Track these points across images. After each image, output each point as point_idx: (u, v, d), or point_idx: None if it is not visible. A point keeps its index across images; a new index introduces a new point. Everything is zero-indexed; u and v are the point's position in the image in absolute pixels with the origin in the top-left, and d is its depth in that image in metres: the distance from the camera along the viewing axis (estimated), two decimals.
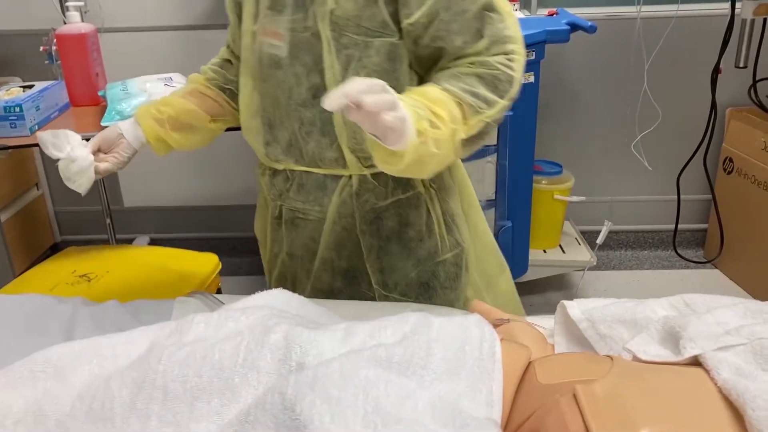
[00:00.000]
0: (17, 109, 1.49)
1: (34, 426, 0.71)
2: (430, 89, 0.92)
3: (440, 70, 0.98)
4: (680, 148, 2.23)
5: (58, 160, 1.11)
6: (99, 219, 2.28)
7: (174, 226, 2.74)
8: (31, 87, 1.62)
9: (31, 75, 2.43)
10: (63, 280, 1.56)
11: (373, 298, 1.14)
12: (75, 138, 1.11)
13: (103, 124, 1.47)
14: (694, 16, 2.29)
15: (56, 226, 2.73)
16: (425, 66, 1.01)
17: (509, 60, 0.95)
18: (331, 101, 0.76)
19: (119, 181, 2.65)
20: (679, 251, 2.27)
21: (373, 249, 1.12)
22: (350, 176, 1.08)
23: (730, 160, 2.41)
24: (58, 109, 1.67)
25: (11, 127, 1.50)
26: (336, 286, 1.15)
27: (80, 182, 1.12)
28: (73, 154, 1.10)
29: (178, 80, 1.66)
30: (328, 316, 0.90)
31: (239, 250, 2.77)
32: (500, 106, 0.95)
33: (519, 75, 0.96)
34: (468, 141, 0.95)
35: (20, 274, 1.73)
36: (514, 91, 0.96)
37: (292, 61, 1.01)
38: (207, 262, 1.68)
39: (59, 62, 1.85)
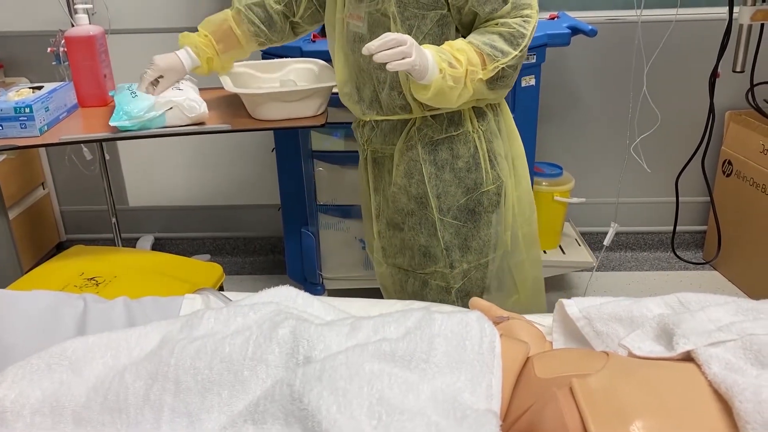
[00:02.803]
0: (27, 110, 1.51)
1: (51, 416, 0.74)
2: (457, 41, 1.25)
3: (475, 29, 1.29)
4: (679, 150, 2.26)
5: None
6: (104, 218, 2.30)
7: (178, 226, 2.77)
8: (40, 88, 1.64)
9: (38, 76, 2.46)
10: (71, 282, 1.58)
11: (434, 223, 1.43)
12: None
13: (111, 124, 1.50)
14: (693, 21, 2.31)
15: (62, 225, 2.76)
16: (467, 29, 1.31)
17: (524, 21, 1.26)
18: (363, 50, 1.15)
19: (124, 181, 2.68)
20: (677, 253, 2.29)
21: (432, 176, 1.40)
22: (415, 119, 1.38)
23: (729, 162, 2.43)
24: (66, 110, 1.69)
25: (21, 128, 1.53)
26: (411, 208, 1.45)
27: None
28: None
29: (185, 81, 1.68)
30: (333, 312, 0.93)
31: (242, 249, 2.80)
32: (512, 55, 1.26)
33: (530, 33, 1.27)
34: (492, 83, 1.28)
35: (27, 272, 1.75)
36: (525, 44, 1.27)
37: (371, 36, 1.30)
38: (212, 272, 1.71)
39: (66, 63, 1.88)
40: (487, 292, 1.54)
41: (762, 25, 1.86)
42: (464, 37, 1.30)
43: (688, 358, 0.75)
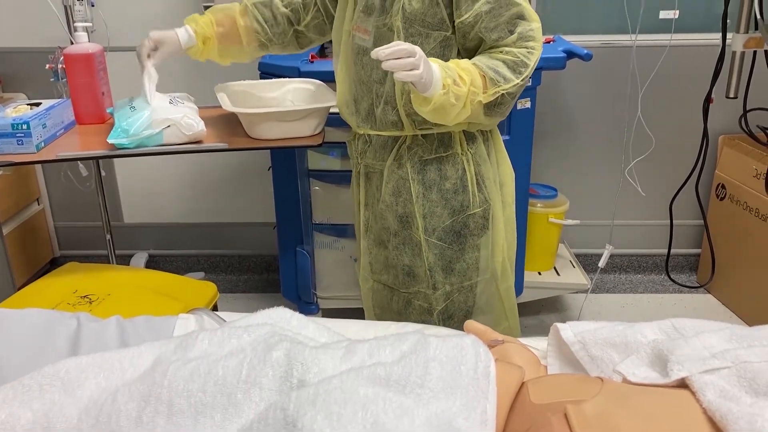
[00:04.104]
0: (24, 127, 1.52)
1: None
2: (464, 61, 1.27)
3: (480, 54, 1.31)
4: (673, 174, 2.27)
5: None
6: (99, 234, 2.30)
7: (173, 243, 2.76)
8: (38, 105, 1.65)
9: (36, 92, 2.47)
10: (64, 300, 1.57)
11: (419, 243, 1.44)
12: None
13: (108, 141, 1.50)
14: (687, 46, 2.34)
15: (56, 241, 2.75)
16: (470, 53, 1.34)
17: (528, 53, 1.28)
18: (372, 53, 1.15)
19: (120, 197, 2.68)
20: (672, 275, 2.30)
21: (419, 196, 1.42)
22: (406, 136, 1.40)
23: (723, 186, 2.45)
24: (63, 126, 1.69)
25: (18, 144, 1.53)
26: (395, 228, 1.46)
27: None
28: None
29: (184, 99, 1.69)
30: (328, 334, 0.92)
31: (236, 267, 2.79)
32: (514, 83, 1.27)
33: (533, 63, 1.29)
34: (490, 108, 1.30)
35: (20, 288, 1.74)
36: (527, 74, 1.29)
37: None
38: (206, 291, 1.71)
39: (65, 80, 1.89)
40: (472, 316, 1.53)
41: (755, 52, 1.88)
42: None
43: (682, 384, 0.75)
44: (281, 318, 0.92)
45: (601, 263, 2.16)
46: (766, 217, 2.24)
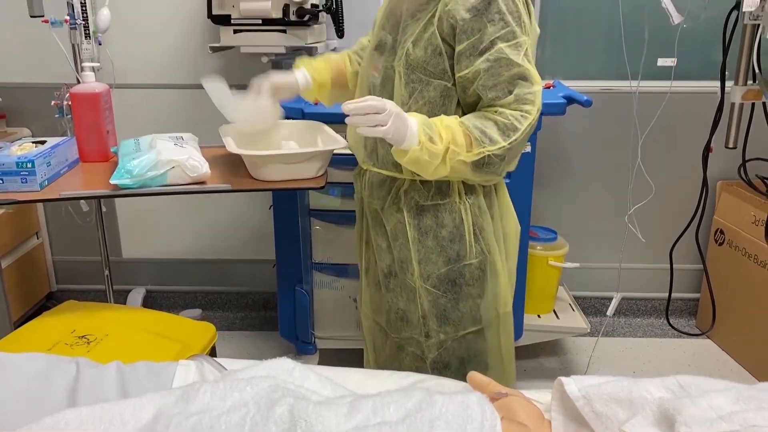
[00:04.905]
0: (29, 165, 1.52)
1: None
2: (450, 119, 1.27)
3: (476, 110, 1.30)
4: (673, 220, 2.28)
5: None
6: (96, 269, 2.29)
7: (171, 279, 2.75)
8: (43, 142, 1.65)
9: (39, 127, 2.49)
10: (62, 340, 1.56)
11: (414, 289, 1.42)
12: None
13: (111, 182, 1.50)
14: (687, 93, 2.37)
15: (53, 275, 2.73)
16: (470, 108, 1.32)
17: (522, 116, 1.25)
18: (342, 106, 1.17)
19: (119, 233, 2.67)
20: (671, 320, 2.29)
21: (415, 241, 1.41)
22: (404, 179, 1.40)
23: (721, 231, 2.46)
24: (67, 165, 1.70)
25: (22, 182, 1.53)
26: (394, 269, 1.46)
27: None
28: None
29: (188, 140, 1.70)
30: (330, 386, 0.91)
31: (234, 304, 2.77)
32: (500, 145, 1.24)
33: (524, 128, 1.25)
34: (478, 167, 1.27)
35: (16, 323, 1.73)
36: (516, 138, 1.25)
37: (382, 89, 1.38)
38: (205, 332, 1.69)
39: (69, 116, 1.90)
40: (468, 366, 1.49)
41: (753, 104, 1.91)
42: (465, 113, 1.32)
43: None
44: (283, 370, 0.91)
45: (610, 311, 2.16)
46: (765, 263, 2.24)
